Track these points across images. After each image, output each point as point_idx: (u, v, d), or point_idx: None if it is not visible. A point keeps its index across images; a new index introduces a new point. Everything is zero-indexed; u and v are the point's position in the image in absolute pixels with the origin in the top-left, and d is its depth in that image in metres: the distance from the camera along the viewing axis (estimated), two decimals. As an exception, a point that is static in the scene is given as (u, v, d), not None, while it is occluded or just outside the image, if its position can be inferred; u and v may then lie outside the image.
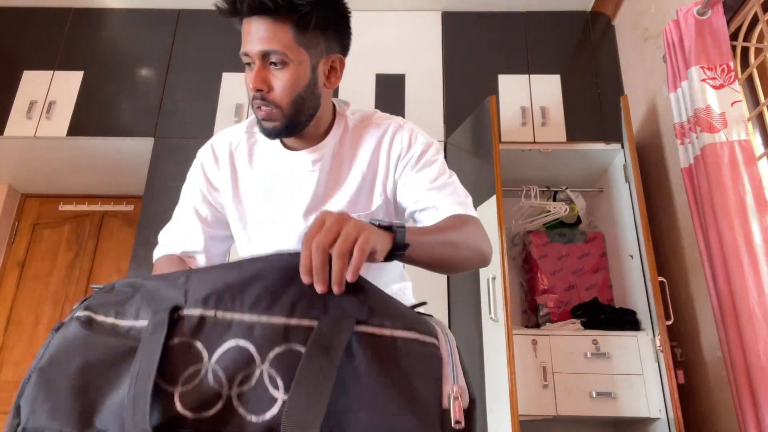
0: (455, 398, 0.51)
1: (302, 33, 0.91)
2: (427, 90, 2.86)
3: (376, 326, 0.55)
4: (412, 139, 1.05)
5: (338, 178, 1.04)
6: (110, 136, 2.81)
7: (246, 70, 0.95)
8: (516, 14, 3.01)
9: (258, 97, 0.93)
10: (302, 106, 0.96)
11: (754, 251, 1.66)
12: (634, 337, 2.30)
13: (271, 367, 0.53)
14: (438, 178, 1.01)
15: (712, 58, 1.90)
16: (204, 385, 0.52)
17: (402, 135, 1.05)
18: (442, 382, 0.53)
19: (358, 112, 1.09)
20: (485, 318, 2.18)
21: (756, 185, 1.72)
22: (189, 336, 0.54)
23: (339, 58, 1.00)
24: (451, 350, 0.56)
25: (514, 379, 1.97)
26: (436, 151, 1.05)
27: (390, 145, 1.04)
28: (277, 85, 0.92)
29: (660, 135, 2.47)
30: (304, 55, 0.93)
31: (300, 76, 0.94)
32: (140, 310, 0.58)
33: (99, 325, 0.57)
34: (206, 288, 0.58)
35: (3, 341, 3.01)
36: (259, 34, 0.90)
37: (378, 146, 1.05)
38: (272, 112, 0.94)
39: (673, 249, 2.34)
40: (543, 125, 2.75)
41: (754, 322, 1.61)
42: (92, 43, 3.01)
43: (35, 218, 3.27)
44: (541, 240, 2.75)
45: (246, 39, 0.91)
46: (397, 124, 1.06)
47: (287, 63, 0.91)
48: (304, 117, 0.98)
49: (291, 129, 0.97)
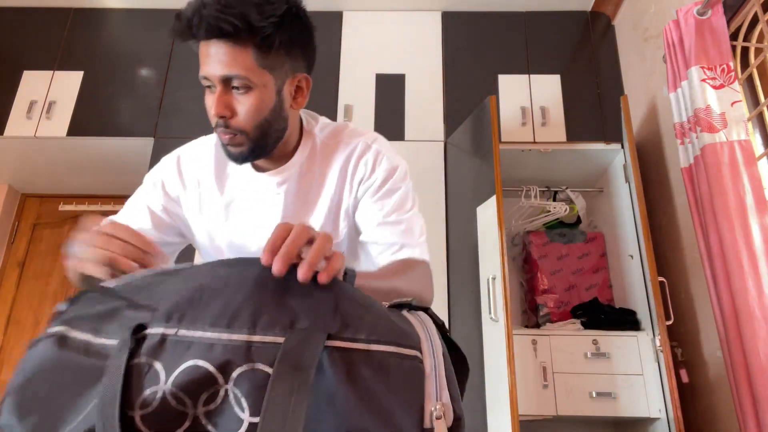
0: (437, 417, 0.48)
1: (265, 55, 0.87)
2: (427, 90, 2.86)
3: (348, 340, 0.51)
4: (377, 163, 0.99)
5: (306, 201, 1.01)
6: (110, 136, 2.81)
7: (206, 93, 0.91)
8: (516, 14, 3.01)
9: (221, 124, 0.89)
10: (268, 130, 0.92)
11: (754, 251, 1.66)
12: (634, 337, 2.30)
13: (235, 386, 0.50)
14: (393, 213, 0.97)
15: (712, 58, 1.90)
16: (165, 406, 0.49)
17: (367, 157, 0.99)
18: (424, 400, 0.49)
19: (328, 128, 1.04)
20: (485, 318, 2.18)
21: (756, 185, 1.72)
22: (149, 356, 0.52)
23: (305, 77, 0.96)
24: (435, 362, 0.52)
25: (514, 379, 1.97)
26: (401, 178, 1.00)
27: (355, 167, 1.00)
28: (241, 110, 0.88)
29: (660, 135, 2.47)
30: (268, 78, 0.89)
31: (265, 100, 0.89)
32: (112, 328, 0.55)
33: (72, 342, 0.54)
34: (172, 301, 0.55)
35: (3, 341, 3.01)
36: (219, 58, 0.85)
37: (345, 168, 1.00)
38: (236, 138, 0.90)
39: (673, 249, 2.34)
40: (543, 125, 2.75)
41: (754, 322, 1.61)
42: (92, 43, 3.01)
43: (35, 218, 3.27)
44: (541, 240, 2.75)
45: (204, 62, 0.87)
46: (365, 145, 1.01)
47: (251, 87, 0.87)
48: (272, 140, 0.94)
49: (258, 153, 0.93)
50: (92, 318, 0.57)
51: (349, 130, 1.04)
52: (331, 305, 0.54)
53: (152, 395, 0.50)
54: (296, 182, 1.00)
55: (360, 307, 0.55)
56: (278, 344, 0.51)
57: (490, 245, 2.22)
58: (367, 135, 1.03)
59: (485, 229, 2.29)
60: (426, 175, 2.65)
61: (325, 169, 1.01)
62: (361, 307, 0.55)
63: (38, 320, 3.06)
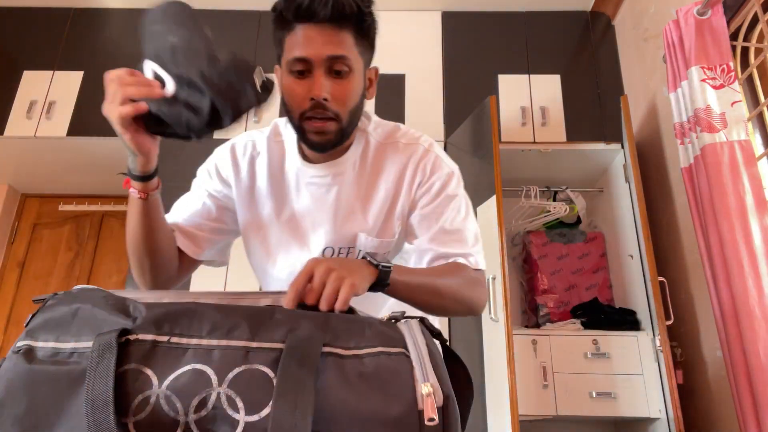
0: (427, 395, 0.51)
1: (362, 41, 0.91)
2: (427, 90, 2.86)
3: (340, 348, 0.56)
4: (435, 168, 1.01)
5: (359, 197, 1.00)
6: (110, 136, 2.78)
7: (290, 78, 0.89)
8: (516, 14, 3.01)
9: (319, 107, 0.87)
10: (355, 117, 0.93)
11: (754, 251, 1.66)
12: (634, 337, 2.30)
13: (229, 388, 0.51)
14: (449, 220, 0.98)
15: (712, 58, 1.90)
16: (157, 412, 0.50)
17: (426, 162, 1.00)
18: (414, 384, 0.53)
19: (380, 127, 1.04)
20: (485, 318, 2.18)
21: (756, 185, 1.72)
22: (138, 362, 0.52)
23: (376, 69, 1.00)
24: (419, 352, 0.56)
25: (514, 379, 1.97)
26: (457, 184, 1.02)
27: (414, 171, 1.00)
28: (340, 94, 0.88)
29: (660, 135, 2.47)
30: (361, 64, 0.92)
31: (358, 85, 0.92)
32: (81, 330, 0.55)
33: (40, 352, 0.54)
34: (159, 311, 0.56)
35: (3, 341, 3.01)
36: (325, 39, 0.86)
37: (403, 171, 1.00)
38: (329, 124, 0.88)
39: (673, 249, 2.34)
40: (543, 125, 2.75)
41: (754, 322, 1.61)
42: (92, 43, 3.01)
43: (35, 218, 3.27)
44: (541, 240, 2.75)
45: (305, 44, 0.86)
46: (424, 150, 1.02)
47: (350, 71, 0.89)
48: (352, 128, 0.95)
49: (341, 141, 0.93)
50: (54, 324, 0.57)
51: (402, 131, 1.04)
52: (321, 321, 0.59)
53: (145, 401, 0.50)
54: (351, 177, 1.00)
55: (347, 321, 0.60)
56: (277, 349, 0.54)
57: (490, 245, 2.22)
58: (422, 138, 1.04)
59: (485, 229, 2.29)
60: (426, 175, 2.64)
61: (378, 168, 1.01)
62: (348, 321, 0.60)
63: (38, 320, 3.06)
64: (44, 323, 0.57)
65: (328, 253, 1.01)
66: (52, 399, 0.51)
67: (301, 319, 0.59)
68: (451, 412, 0.52)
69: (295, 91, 0.89)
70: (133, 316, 0.56)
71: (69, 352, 0.54)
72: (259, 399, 0.50)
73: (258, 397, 0.51)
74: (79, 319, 0.57)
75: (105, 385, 0.49)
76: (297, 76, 0.88)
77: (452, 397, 0.53)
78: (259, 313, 0.59)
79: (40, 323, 0.57)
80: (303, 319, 0.58)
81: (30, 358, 0.54)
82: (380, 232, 1.00)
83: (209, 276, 2.55)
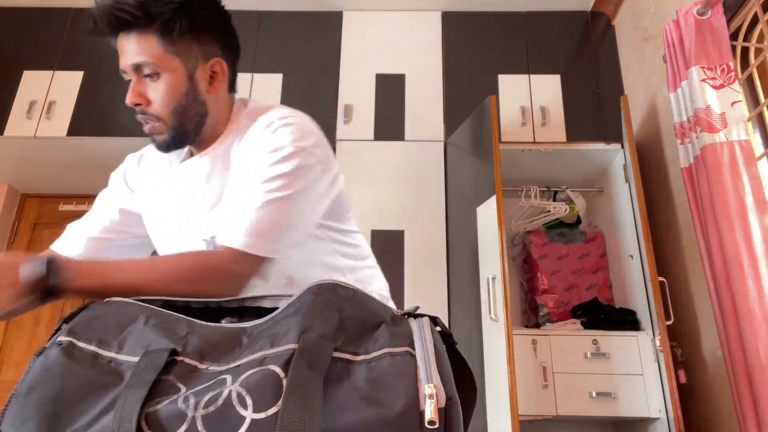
0: (430, 396, 0.51)
1: (169, 41, 0.90)
2: (427, 90, 2.86)
3: (350, 353, 0.57)
4: (268, 130, 0.91)
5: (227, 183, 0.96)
6: (110, 136, 2.81)
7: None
8: (516, 14, 3.01)
9: (139, 112, 0.92)
10: (184, 116, 0.93)
11: (754, 251, 1.66)
12: (634, 337, 2.30)
13: (241, 386, 0.53)
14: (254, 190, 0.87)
15: (712, 58, 1.90)
16: (172, 406, 0.52)
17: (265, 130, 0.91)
18: (418, 384, 0.53)
19: (254, 109, 0.99)
20: (485, 318, 2.18)
21: (756, 185, 1.72)
22: (175, 378, 0.56)
23: (218, 62, 0.95)
24: (426, 352, 0.56)
25: (514, 379, 1.97)
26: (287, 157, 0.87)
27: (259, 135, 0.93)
28: (154, 96, 0.91)
29: (660, 135, 2.47)
30: (177, 63, 0.91)
31: (176, 85, 0.92)
32: (125, 343, 0.59)
33: (80, 352, 0.58)
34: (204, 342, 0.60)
35: (3, 341, 3.01)
36: (129, 48, 0.89)
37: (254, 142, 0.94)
38: (156, 126, 0.93)
39: (673, 249, 2.34)
40: (543, 125, 2.75)
41: (754, 322, 1.61)
42: (92, 43, 3.00)
43: (35, 218, 3.27)
44: (541, 240, 2.75)
45: (120, 54, 0.91)
46: (268, 119, 0.92)
47: (159, 73, 0.90)
48: (191, 125, 0.95)
49: (180, 139, 0.95)
50: (96, 329, 0.61)
51: (268, 107, 0.98)
52: (335, 323, 0.59)
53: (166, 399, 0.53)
54: (221, 167, 0.96)
55: (361, 323, 0.60)
56: (290, 349, 0.56)
57: (490, 245, 2.22)
58: (277, 108, 0.96)
59: (485, 229, 2.29)
60: (426, 175, 2.65)
61: (243, 150, 0.95)
62: (361, 324, 0.60)
63: (38, 320, 3.05)
64: (86, 324, 0.61)
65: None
66: (80, 395, 0.54)
67: (315, 319, 0.59)
68: (453, 414, 0.52)
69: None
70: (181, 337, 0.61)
71: (108, 360, 0.58)
72: (268, 398, 0.51)
73: (267, 396, 0.52)
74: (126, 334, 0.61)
75: (142, 389, 0.53)
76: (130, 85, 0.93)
77: (455, 398, 0.53)
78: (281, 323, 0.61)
79: (83, 323, 0.61)
80: (316, 320, 0.59)
81: (70, 354, 0.57)
82: None
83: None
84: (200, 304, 0.71)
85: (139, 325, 0.61)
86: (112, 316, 0.63)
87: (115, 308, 0.64)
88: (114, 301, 0.66)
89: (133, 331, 0.61)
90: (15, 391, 0.54)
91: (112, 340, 0.60)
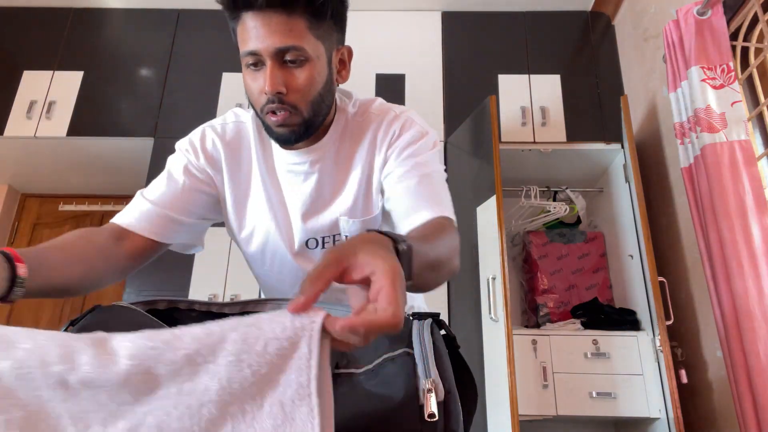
0: (428, 391, 0.52)
1: (319, 24, 0.82)
2: (427, 90, 2.87)
3: (354, 368, 0.58)
4: (405, 127, 0.93)
5: (339, 180, 0.95)
6: (110, 136, 2.81)
7: (247, 72, 0.84)
8: (516, 14, 3.01)
9: (274, 101, 0.82)
10: (320, 106, 0.86)
11: (754, 251, 1.66)
12: (634, 337, 2.29)
13: None
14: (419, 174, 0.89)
15: (712, 58, 1.90)
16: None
17: (396, 124, 0.94)
18: (417, 381, 0.53)
19: (358, 102, 0.98)
20: (485, 318, 2.18)
21: (756, 185, 1.72)
22: None
23: (348, 49, 0.92)
24: (424, 349, 0.56)
25: (514, 379, 1.97)
26: (430, 144, 0.94)
27: (385, 134, 0.93)
28: (296, 85, 0.82)
29: (660, 135, 2.47)
30: (321, 49, 0.84)
31: (320, 73, 0.84)
32: None
33: None
34: None
35: (3, 341, 3.01)
36: (272, 29, 0.79)
37: (373, 141, 0.94)
38: (290, 117, 0.83)
39: (673, 249, 2.34)
40: (543, 125, 2.75)
41: (754, 322, 1.61)
42: (92, 43, 3.01)
43: (35, 218, 3.28)
44: (541, 240, 2.75)
45: (252, 36, 0.80)
46: (393, 114, 0.95)
47: (306, 60, 0.82)
48: (321, 117, 0.89)
49: (309, 132, 0.87)
50: None
51: (378, 103, 0.98)
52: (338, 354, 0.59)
53: None
54: (330, 160, 0.94)
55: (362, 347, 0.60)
56: None
57: (490, 245, 2.22)
58: (397, 107, 0.98)
59: (485, 229, 2.29)
60: (426, 175, 2.64)
61: (355, 146, 0.95)
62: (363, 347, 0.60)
63: (38, 320, 3.06)
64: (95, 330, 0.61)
65: (312, 245, 0.97)
66: None
67: None
68: (452, 407, 0.52)
69: (251, 86, 0.84)
70: None
71: None
72: None
73: None
74: None
75: None
76: (252, 70, 0.83)
77: (454, 392, 0.53)
78: None
79: (90, 327, 0.61)
80: None
81: None
82: (362, 211, 0.95)
83: (209, 275, 2.55)
84: (202, 306, 0.71)
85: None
86: (119, 326, 0.62)
87: (121, 316, 0.64)
88: (118, 306, 0.66)
89: None
90: None
91: None
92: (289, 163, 0.94)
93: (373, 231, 0.57)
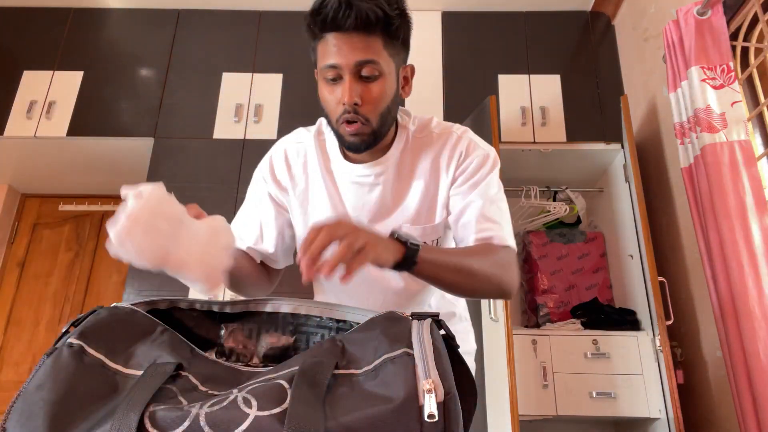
0: (428, 391, 0.52)
1: (392, 43, 0.93)
2: (427, 90, 2.87)
3: (354, 369, 0.59)
4: (470, 149, 1.04)
5: (401, 191, 1.05)
6: (110, 136, 2.81)
7: (324, 85, 0.94)
8: (516, 14, 3.01)
9: (351, 111, 0.92)
10: (387, 118, 0.97)
11: (754, 251, 1.66)
12: (634, 337, 2.30)
13: (247, 393, 0.55)
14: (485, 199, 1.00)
15: (712, 58, 1.90)
16: (175, 407, 0.54)
17: (461, 146, 1.04)
18: (416, 381, 0.54)
19: (417, 120, 1.09)
20: (485, 318, 2.18)
21: (756, 185, 1.72)
22: (178, 390, 0.58)
23: (411, 67, 1.03)
24: (424, 349, 0.57)
25: (514, 379, 1.97)
26: (492, 165, 1.05)
27: (451, 155, 1.04)
28: (370, 97, 0.92)
29: (660, 135, 2.47)
30: (392, 66, 0.95)
31: (391, 88, 0.95)
32: (131, 358, 0.61)
33: (89, 359, 0.59)
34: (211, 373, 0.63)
35: (3, 341, 3.01)
36: (353, 46, 0.90)
37: (438, 158, 1.04)
38: (362, 127, 0.93)
39: (673, 249, 2.34)
40: (543, 125, 2.75)
41: (754, 322, 1.61)
42: (92, 43, 3.01)
43: (35, 218, 3.27)
44: (541, 240, 2.75)
45: (334, 52, 0.91)
46: (456, 136, 1.06)
47: (380, 74, 0.92)
48: (386, 128, 0.98)
49: (375, 142, 0.97)
50: (105, 338, 0.62)
51: (435, 122, 1.09)
52: (338, 350, 0.62)
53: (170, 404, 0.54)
54: (393, 173, 1.04)
55: (361, 346, 0.62)
56: (293, 370, 0.58)
57: (490, 245, 2.21)
58: (454, 126, 1.09)
59: (485, 229, 2.28)
60: (426, 175, 2.65)
61: (417, 160, 1.05)
62: (362, 345, 0.63)
63: (38, 320, 3.06)
64: (97, 330, 0.62)
65: None
66: (84, 402, 0.55)
67: (319, 348, 0.63)
68: (452, 408, 0.52)
69: (327, 98, 0.94)
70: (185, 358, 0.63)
71: (114, 372, 0.59)
72: (273, 399, 0.53)
73: (272, 398, 0.53)
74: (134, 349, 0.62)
75: (144, 395, 0.54)
76: (330, 83, 0.93)
77: (453, 392, 0.53)
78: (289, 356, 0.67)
79: (93, 328, 0.62)
80: (320, 349, 0.63)
81: (80, 359, 0.59)
82: (425, 219, 1.05)
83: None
84: (203, 306, 0.71)
85: (147, 342, 0.63)
86: (122, 327, 0.64)
87: (123, 317, 0.65)
88: (121, 308, 0.66)
89: (141, 347, 0.62)
90: (23, 389, 0.55)
91: (120, 353, 0.61)
92: (355, 175, 1.04)
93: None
